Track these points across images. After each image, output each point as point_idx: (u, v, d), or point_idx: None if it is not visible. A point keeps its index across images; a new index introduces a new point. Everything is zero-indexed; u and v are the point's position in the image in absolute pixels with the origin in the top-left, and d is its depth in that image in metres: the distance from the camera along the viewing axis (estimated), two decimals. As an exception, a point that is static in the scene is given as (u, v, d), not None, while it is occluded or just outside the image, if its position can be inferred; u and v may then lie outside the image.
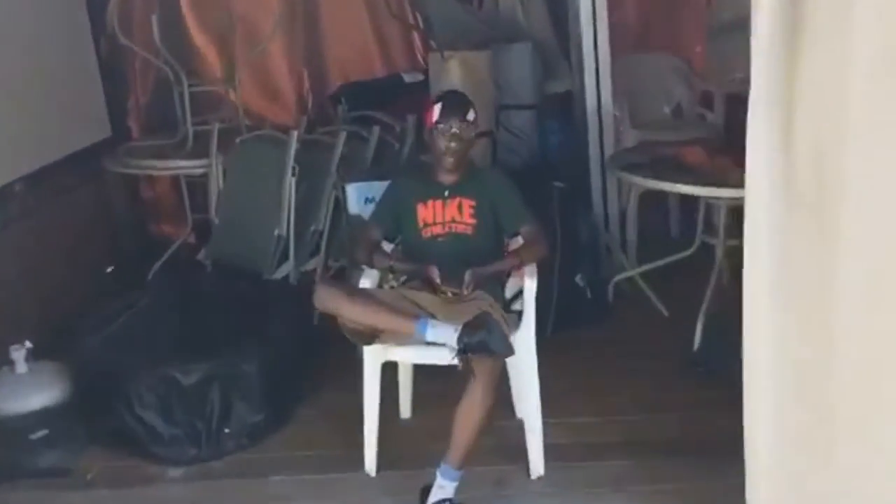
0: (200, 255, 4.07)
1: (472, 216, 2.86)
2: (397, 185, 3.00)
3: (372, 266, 2.88)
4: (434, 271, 2.72)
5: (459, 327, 2.47)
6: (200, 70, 4.81)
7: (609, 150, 4.10)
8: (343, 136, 3.85)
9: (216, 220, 4.06)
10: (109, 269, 4.24)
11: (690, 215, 4.12)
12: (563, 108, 4.26)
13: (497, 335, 2.45)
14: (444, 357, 2.52)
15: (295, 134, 3.75)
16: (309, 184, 3.86)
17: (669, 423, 3.05)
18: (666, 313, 3.86)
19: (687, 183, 3.22)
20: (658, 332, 3.72)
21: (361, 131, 4.01)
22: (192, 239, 4.45)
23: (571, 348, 3.56)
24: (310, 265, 3.85)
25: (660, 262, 3.94)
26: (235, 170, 4.03)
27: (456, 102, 2.89)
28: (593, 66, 3.97)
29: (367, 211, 3.29)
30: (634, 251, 4.27)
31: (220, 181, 4.07)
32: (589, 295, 3.85)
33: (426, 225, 2.88)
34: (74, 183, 4.31)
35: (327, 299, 2.61)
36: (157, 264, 4.32)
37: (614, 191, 4.18)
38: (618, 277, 4.01)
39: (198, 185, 4.39)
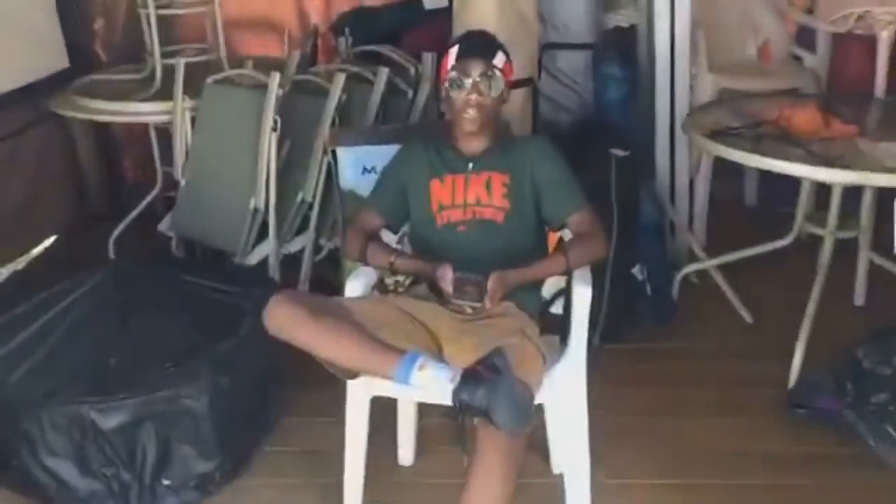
0: (163, 225, 3.27)
1: (505, 198, 2.05)
2: (406, 154, 2.17)
3: (366, 263, 2.09)
4: (447, 274, 1.92)
5: (458, 375, 1.65)
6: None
7: (682, 104, 3.18)
8: (341, 78, 2.98)
9: (182, 182, 3.23)
10: (46, 244, 3.44)
11: (769, 180, 3.23)
12: (628, 49, 3.31)
13: (506, 394, 1.62)
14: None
15: (277, 76, 2.89)
16: (296, 141, 3.02)
17: (757, 494, 2.23)
18: (749, 319, 3.01)
19: (812, 163, 2.32)
20: (740, 346, 2.90)
21: (366, 72, 3.13)
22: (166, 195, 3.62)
23: (626, 366, 2.76)
24: (295, 245, 3.04)
25: (743, 253, 3.07)
26: (205, 120, 3.19)
27: (478, 44, 2.07)
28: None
29: (365, 185, 2.48)
30: (704, 229, 3.41)
31: (189, 132, 3.23)
32: (649, 291, 3.02)
33: (442, 208, 2.07)
34: (21, 125, 3.52)
35: (282, 321, 1.81)
36: (118, 230, 3.53)
37: (684, 154, 3.28)
38: (687, 270, 3.15)
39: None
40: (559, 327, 2.10)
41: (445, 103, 2.08)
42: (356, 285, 2.11)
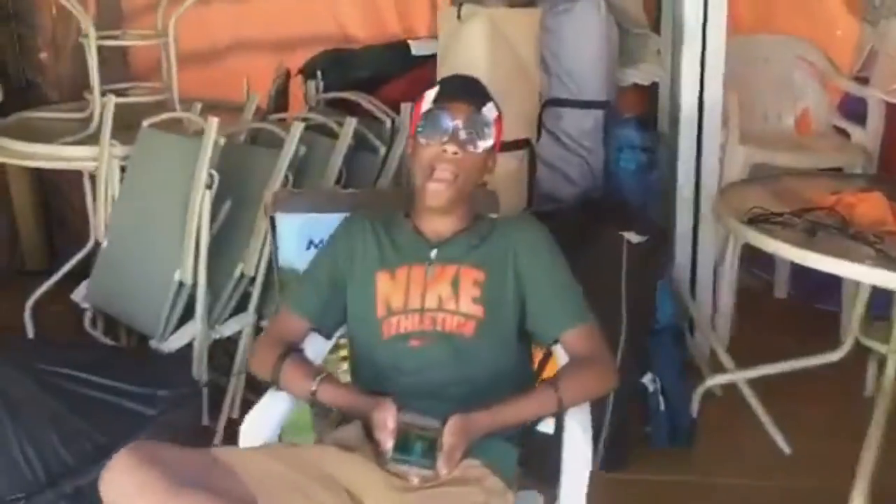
0: (77, 295, 2.71)
1: (477, 302, 1.50)
2: (347, 231, 1.62)
3: (278, 387, 1.50)
4: (387, 419, 1.35)
5: None
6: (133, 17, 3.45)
7: (710, 180, 2.65)
8: (299, 128, 2.45)
9: (103, 243, 2.68)
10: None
11: (806, 270, 2.69)
12: (647, 111, 2.78)
13: None
14: None
15: (215, 123, 2.36)
16: (241, 201, 2.48)
17: None
18: (787, 449, 2.43)
19: (890, 267, 1.76)
20: (775, 483, 2.31)
21: (332, 123, 2.60)
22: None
23: (632, 502, 2.16)
24: (229, 329, 2.46)
25: (780, 367, 2.49)
26: (135, 170, 2.66)
27: (464, 86, 1.56)
28: (698, 47, 2.52)
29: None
30: (728, 328, 2.85)
31: (116, 184, 2.69)
32: (662, 406, 2.47)
33: (390, 312, 1.52)
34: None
35: (123, 495, 1.21)
36: (35, 295, 2.96)
37: (709, 239, 2.74)
38: (710, 382, 2.57)
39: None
40: (544, 465, 1.54)
41: (411, 160, 1.54)
42: (257, 429, 1.48)
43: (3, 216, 3.58)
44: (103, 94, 3.03)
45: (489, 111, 1.51)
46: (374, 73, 3.11)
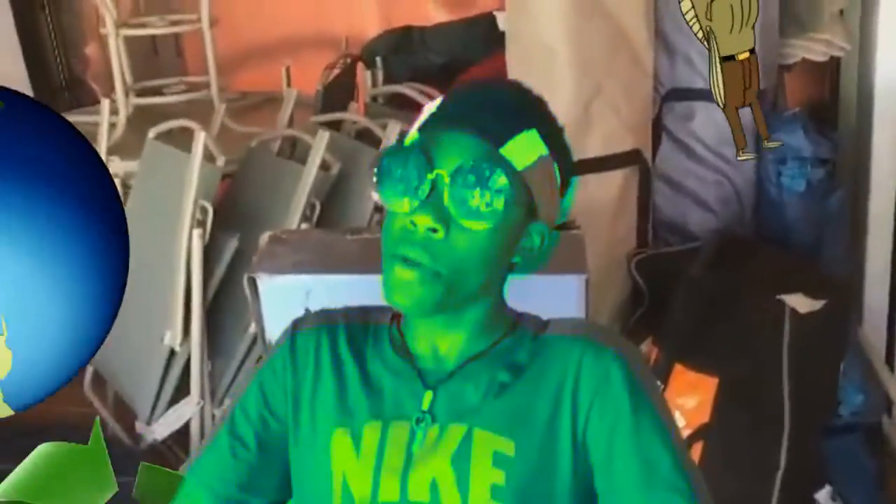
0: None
1: (500, 498, 0.80)
2: (288, 359, 0.91)
3: None
4: None
5: None
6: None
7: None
8: (324, 139, 1.82)
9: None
10: None
11: None
12: (823, 103, 1.94)
13: None
14: None
15: (202, 137, 1.75)
16: (250, 236, 1.87)
17: None
18: None
19: None
20: None
21: (375, 128, 1.96)
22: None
23: None
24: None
25: None
26: (136, 193, 2.11)
27: (470, 106, 0.82)
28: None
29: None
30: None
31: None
32: (844, 539, 1.68)
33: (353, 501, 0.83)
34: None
35: None
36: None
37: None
38: (917, 504, 1.75)
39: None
40: None
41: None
42: None
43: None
44: (136, 93, 2.58)
45: (521, 148, 0.79)
46: (451, 58, 2.43)
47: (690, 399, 1.50)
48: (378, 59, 2.40)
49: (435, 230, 0.77)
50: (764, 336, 1.47)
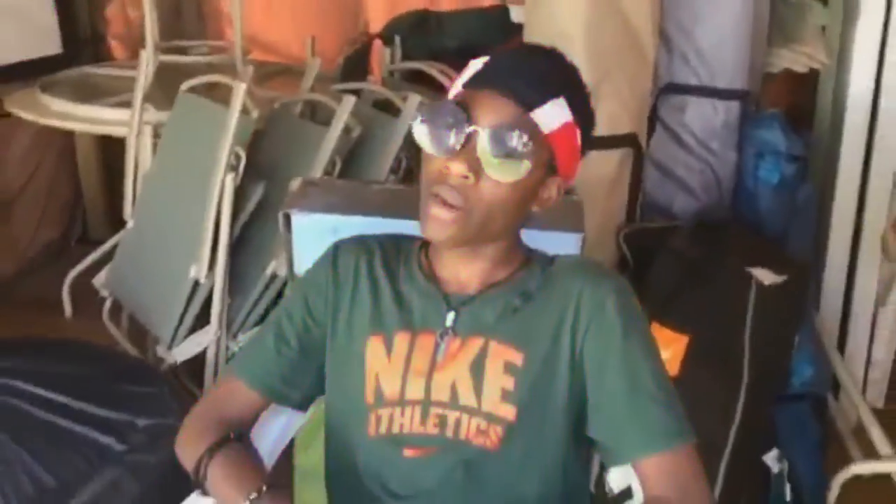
0: (97, 280, 2.36)
1: (510, 399, 0.99)
2: (331, 272, 1.08)
3: (202, 491, 1.00)
4: None
5: None
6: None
7: (878, 201, 2.02)
8: (350, 102, 2.00)
9: (129, 223, 2.32)
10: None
11: None
12: (799, 107, 2.16)
13: None
14: None
15: (242, 88, 1.92)
16: (280, 185, 2.04)
17: None
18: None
19: None
20: None
21: (396, 99, 2.14)
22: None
23: None
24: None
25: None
26: (169, 142, 2.27)
27: (510, 70, 0.97)
28: (880, 20, 1.90)
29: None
30: (882, 395, 2.24)
31: (148, 156, 2.32)
32: (788, 496, 1.88)
33: (381, 403, 1.02)
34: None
35: None
36: (74, 272, 2.63)
37: (871, 279, 2.11)
38: (857, 469, 1.96)
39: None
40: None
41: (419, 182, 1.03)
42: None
43: (68, 182, 3.32)
44: (161, 51, 2.72)
45: (549, 114, 0.95)
46: (464, 43, 2.62)
47: (664, 353, 1.69)
48: (397, 37, 2.59)
49: (467, 177, 0.93)
50: (731, 302, 1.67)
